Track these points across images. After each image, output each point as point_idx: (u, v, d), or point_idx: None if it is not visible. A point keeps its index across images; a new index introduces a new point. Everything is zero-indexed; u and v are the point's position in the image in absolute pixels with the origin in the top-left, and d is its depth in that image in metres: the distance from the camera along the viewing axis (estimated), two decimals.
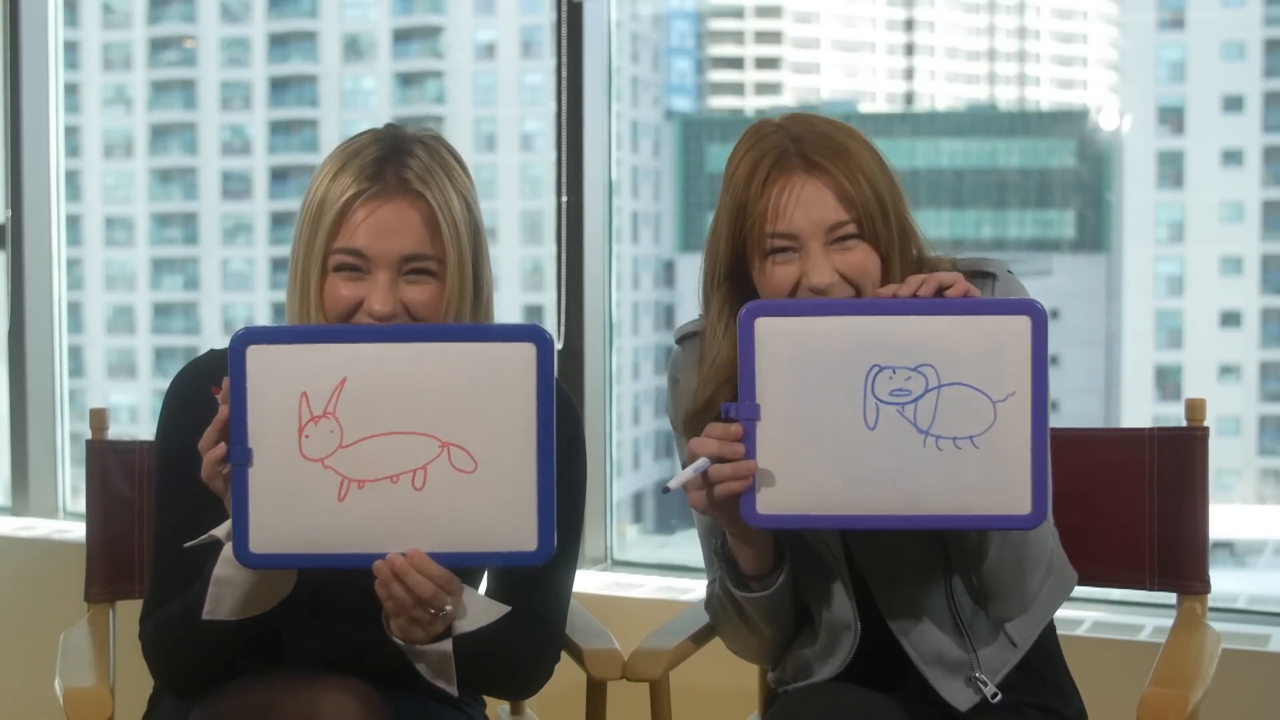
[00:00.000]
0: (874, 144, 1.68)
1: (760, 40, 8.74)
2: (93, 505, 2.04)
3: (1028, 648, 1.74)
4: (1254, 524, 7.20)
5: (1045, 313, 1.51)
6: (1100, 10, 8.00)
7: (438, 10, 10.37)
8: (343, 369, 1.46)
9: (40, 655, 2.44)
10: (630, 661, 1.85)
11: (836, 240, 1.63)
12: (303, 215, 1.64)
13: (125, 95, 10.57)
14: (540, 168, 8.69)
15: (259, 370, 1.46)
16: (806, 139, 1.64)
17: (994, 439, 1.50)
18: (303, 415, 1.46)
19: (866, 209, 1.62)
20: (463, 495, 1.49)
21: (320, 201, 1.61)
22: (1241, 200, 7.39)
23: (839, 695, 1.66)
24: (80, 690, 1.74)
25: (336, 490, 1.48)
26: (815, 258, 1.62)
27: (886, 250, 1.64)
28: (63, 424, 3.74)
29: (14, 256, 3.68)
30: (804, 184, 1.62)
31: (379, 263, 1.59)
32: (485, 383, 1.48)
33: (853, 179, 1.62)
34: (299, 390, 1.46)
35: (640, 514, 7.66)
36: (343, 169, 1.61)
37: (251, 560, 1.49)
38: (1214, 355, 7.63)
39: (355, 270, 1.60)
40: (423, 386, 1.47)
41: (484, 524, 1.49)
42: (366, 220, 1.59)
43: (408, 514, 1.48)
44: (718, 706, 2.52)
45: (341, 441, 1.47)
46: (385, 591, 1.50)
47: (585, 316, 3.14)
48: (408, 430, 1.47)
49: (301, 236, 1.63)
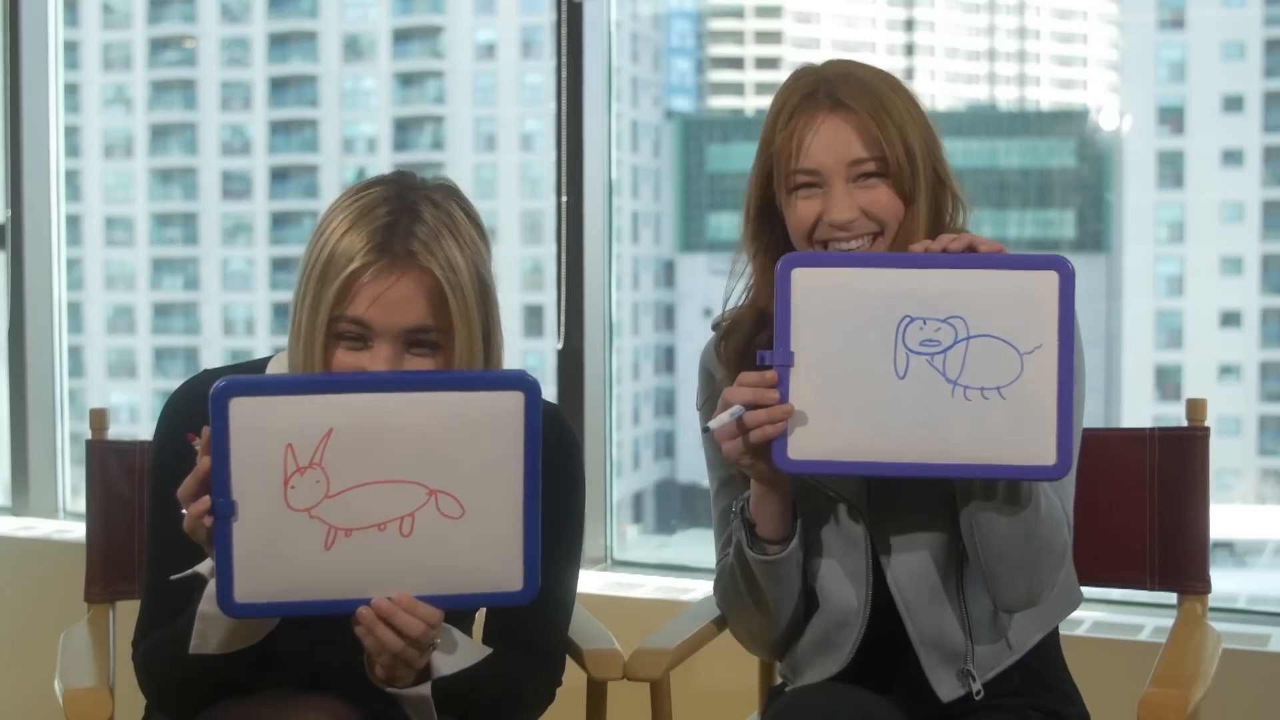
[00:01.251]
0: (916, 97, 1.70)
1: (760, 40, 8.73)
2: (93, 505, 2.04)
3: (1023, 653, 1.74)
4: (1254, 524, 7.19)
5: (1073, 268, 1.54)
6: (1100, 10, 8.00)
7: (438, 10, 10.35)
8: (329, 420, 1.45)
9: (40, 655, 2.44)
10: (630, 661, 1.85)
11: (859, 178, 1.66)
12: (307, 269, 1.60)
13: (125, 95, 10.56)
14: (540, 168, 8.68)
15: (242, 422, 1.44)
16: (837, 80, 1.68)
17: (1021, 390, 1.54)
18: (288, 466, 1.45)
19: (889, 149, 1.64)
20: (450, 540, 1.49)
21: (327, 260, 1.58)
22: (1241, 200, 7.38)
23: (837, 696, 1.67)
24: (80, 691, 1.74)
25: (323, 539, 1.47)
26: (837, 194, 1.66)
27: (911, 195, 1.66)
28: (63, 424, 3.74)
29: (14, 256, 3.68)
30: (827, 121, 1.66)
31: (383, 335, 1.58)
32: (472, 430, 1.48)
33: (878, 119, 1.65)
34: (284, 442, 1.45)
35: (640, 514, 7.66)
36: (352, 229, 1.58)
37: (235, 610, 1.48)
38: (1214, 355, 7.62)
39: (358, 340, 1.59)
40: (410, 435, 1.47)
41: (470, 567, 1.51)
42: (371, 291, 1.56)
43: (395, 560, 1.48)
44: (718, 706, 2.52)
45: (328, 491, 1.46)
46: (369, 636, 1.50)
47: (585, 316, 3.14)
48: (395, 479, 1.47)
49: (306, 295, 1.59)
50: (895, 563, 1.72)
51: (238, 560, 1.46)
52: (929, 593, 1.71)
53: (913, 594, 1.71)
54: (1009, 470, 1.56)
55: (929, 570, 1.71)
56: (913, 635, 1.72)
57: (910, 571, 1.71)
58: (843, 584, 1.74)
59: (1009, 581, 1.66)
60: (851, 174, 1.66)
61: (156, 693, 1.69)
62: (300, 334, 1.60)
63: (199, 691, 1.63)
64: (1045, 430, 1.54)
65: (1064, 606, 1.80)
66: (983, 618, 1.73)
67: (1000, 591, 1.67)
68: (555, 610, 1.75)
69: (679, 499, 7.72)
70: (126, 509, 2.04)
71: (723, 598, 1.82)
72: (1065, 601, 1.81)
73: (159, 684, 1.67)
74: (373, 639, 1.51)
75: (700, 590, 2.95)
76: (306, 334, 1.59)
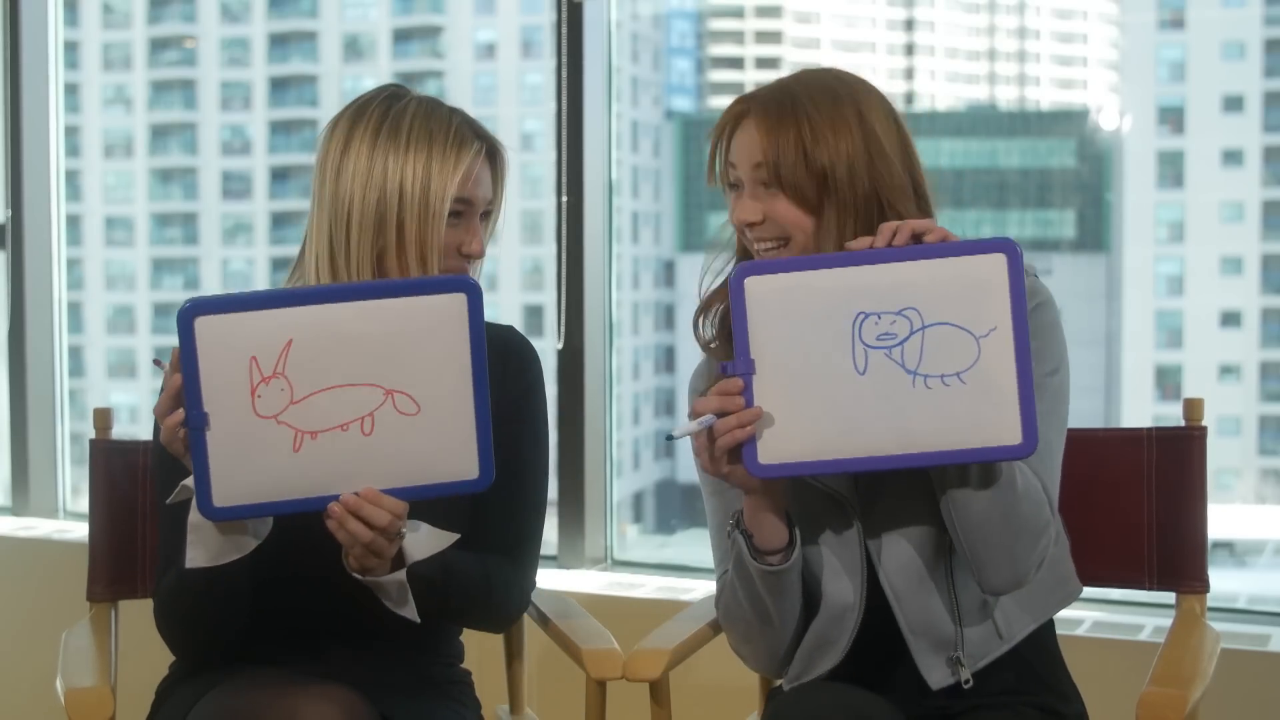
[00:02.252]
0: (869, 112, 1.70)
1: (760, 40, 8.73)
2: (95, 505, 2.04)
3: (1015, 643, 1.74)
4: (1254, 524, 7.19)
5: (1020, 249, 1.57)
6: (1100, 10, 8.00)
7: (438, 10, 10.36)
8: (288, 331, 1.56)
9: (41, 655, 2.44)
10: (630, 661, 1.85)
11: (761, 184, 1.70)
12: (389, 185, 1.74)
13: (125, 95, 10.56)
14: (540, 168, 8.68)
15: (208, 339, 1.55)
16: (779, 87, 1.73)
17: (980, 374, 1.56)
18: (254, 377, 1.56)
19: (778, 163, 1.68)
20: (408, 436, 1.59)
21: (428, 169, 1.75)
22: (1241, 200, 7.38)
23: (833, 695, 1.67)
24: (81, 690, 1.74)
25: (291, 442, 1.58)
26: (744, 195, 1.72)
27: (816, 208, 1.68)
28: (63, 424, 3.74)
29: (14, 256, 3.68)
30: (746, 124, 1.72)
31: (475, 211, 1.80)
32: (422, 332, 1.58)
33: (774, 134, 1.69)
34: (248, 354, 1.56)
35: (640, 514, 7.67)
36: (433, 133, 1.76)
37: (215, 513, 1.59)
38: (1214, 355, 7.62)
39: (456, 216, 1.78)
40: (364, 341, 1.57)
41: (429, 459, 1.61)
42: (477, 173, 1.78)
43: (359, 457, 1.59)
44: (718, 706, 2.53)
45: (292, 398, 1.57)
46: (340, 530, 1.60)
47: (585, 316, 3.14)
48: (353, 383, 1.58)
49: (393, 200, 1.74)
50: (885, 553, 1.72)
51: (214, 467, 1.56)
52: (917, 581, 1.72)
53: (902, 583, 1.72)
54: (978, 454, 1.58)
55: (916, 558, 1.72)
56: (902, 624, 1.72)
57: (899, 561, 1.72)
58: (840, 579, 1.74)
59: (992, 562, 1.66)
60: (755, 178, 1.71)
61: (167, 627, 1.77)
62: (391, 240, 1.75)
63: (205, 621, 1.72)
64: (1008, 410, 1.56)
65: (1058, 597, 1.80)
66: (972, 605, 1.73)
67: (984, 573, 1.67)
68: (523, 510, 1.85)
69: (679, 499, 7.72)
70: (129, 508, 2.04)
71: (726, 614, 1.81)
72: (1060, 592, 1.80)
73: (167, 617, 1.75)
74: (344, 533, 1.60)
75: (700, 590, 2.95)
76: (419, 230, 1.74)
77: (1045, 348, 1.70)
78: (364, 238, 1.75)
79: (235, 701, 1.62)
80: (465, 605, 1.77)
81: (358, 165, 1.75)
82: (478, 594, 1.77)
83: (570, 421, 3.15)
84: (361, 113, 1.79)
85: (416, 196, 1.74)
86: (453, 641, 1.93)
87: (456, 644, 1.94)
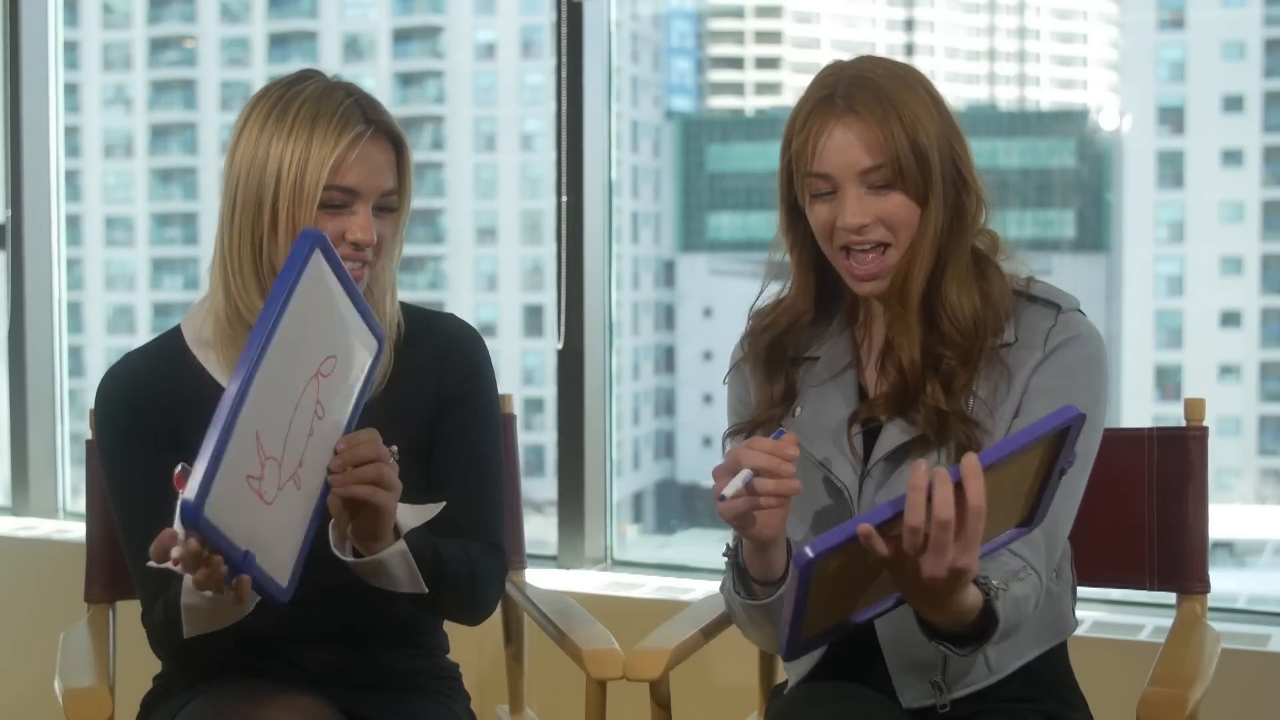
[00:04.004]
0: (936, 95, 1.69)
1: (760, 40, 8.73)
2: (94, 505, 2.04)
3: (1002, 677, 1.72)
4: (1254, 524, 7.19)
5: (1082, 417, 1.45)
6: (1100, 10, 8.00)
7: (438, 10, 10.35)
8: (250, 433, 1.47)
9: (40, 655, 2.44)
10: (630, 661, 1.85)
11: (872, 186, 1.66)
12: (264, 172, 1.70)
13: (125, 95, 10.55)
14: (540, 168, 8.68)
15: (220, 511, 1.44)
16: (852, 83, 1.67)
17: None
18: (258, 485, 1.48)
19: (897, 156, 1.64)
20: (344, 383, 1.60)
21: (304, 154, 1.69)
22: (1241, 200, 7.37)
23: (835, 695, 1.66)
24: (80, 690, 1.74)
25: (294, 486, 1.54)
26: (848, 199, 1.66)
27: (924, 198, 1.66)
28: (63, 424, 3.74)
29: (14, 256, 3.68)
30: (838, 127, 1.66)
31: (365, 199, 1.72)
32: (313, 304, 1.54)
33: (885, 125, 1.64)
34: (243, 475, 1.47)
35: (640, 514, 7.66)
36: (316, 117, 1.70)
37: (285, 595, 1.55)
38: (1214, 355, 7.62)
39: (339, 207, 1.71)
40: (288, 361, 1.52)
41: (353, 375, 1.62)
42: (361, 159, 1.71)
43: (329, 437, 1.58)
44: (718, 706, 2.52)
45: (282, 476, 1.52)
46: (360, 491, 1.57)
47: (585, 316, 3.14)
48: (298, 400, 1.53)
49: (269, 187, 1.70)
50: None
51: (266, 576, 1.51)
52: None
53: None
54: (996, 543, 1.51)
55: None
56: (880, 635, 1.71)
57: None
58: None
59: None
60: (864, 182, 1.66)
61: (171, 659, 1.78)
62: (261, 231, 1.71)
63: (209, 656, 1.72)
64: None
65: (1050, 635, 1.78)
66: None
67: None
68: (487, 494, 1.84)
69: (679, 499, 7.71)
70: None
71: (726, 603, 1.81)
72: (1052, 630, 1.78)
73: (171, 655, 1.76)
74: (349, 497, 1.57)
75: (700, 590, 2.95)
76: (291, 214, 1.69)
77: (1069, 388, 1.67)
78: (244, 220, 1.72)
79: (205, 714, 1.64)
80: (455, 584, 1.75)
81: (245, 147, 1.73)
82: (467, 579, 1.77)
83: (570, 421, 3.15)
84: (263, 95, 1.76)
85: (291, 180, 1.70)
86: (436, 634, 1.92)
87: (440, 636, 1.93)
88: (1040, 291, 1.73)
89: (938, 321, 1.69)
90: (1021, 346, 1.69)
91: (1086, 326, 1.71)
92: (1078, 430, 1.45)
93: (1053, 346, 1.69)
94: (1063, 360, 1.68)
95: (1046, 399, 1.66)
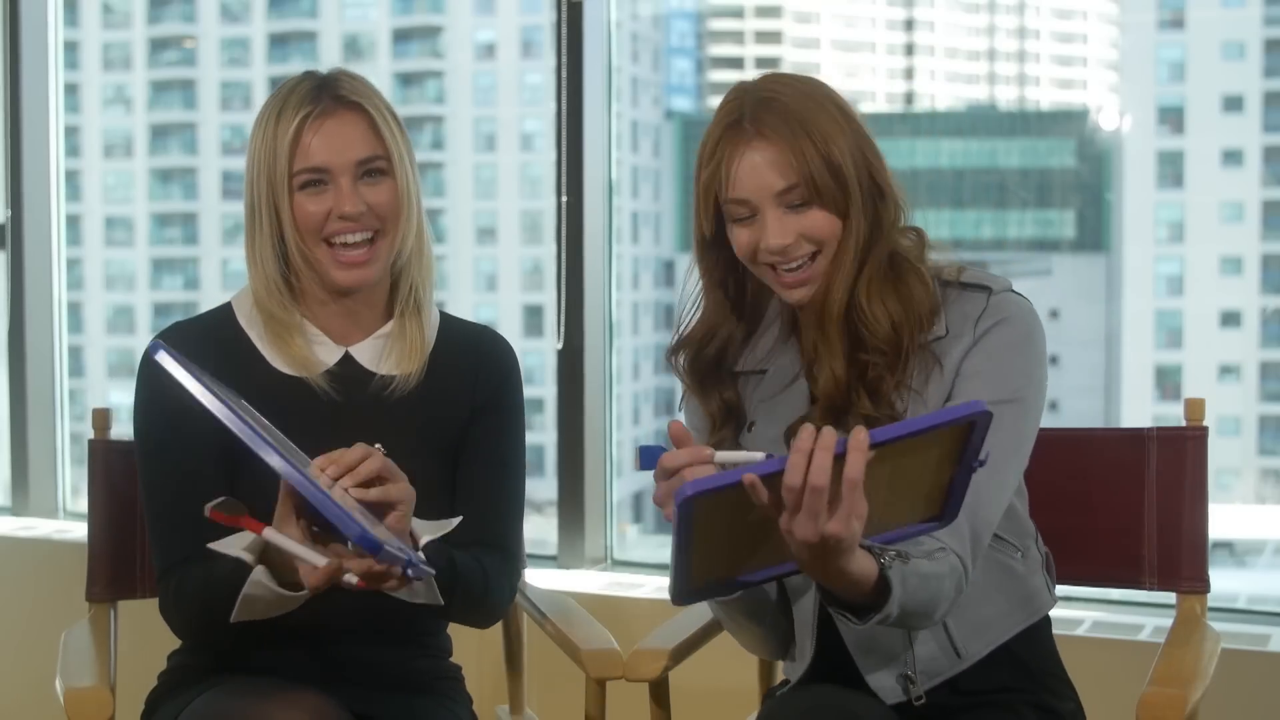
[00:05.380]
0: (845, 105, 1.69)
1: (760, 40, 8.74)
2: (95, 505, 2.04)
3: (973, 662, 1.72)
4: (1254, 524, 7.20)
5: (989, 415, 1.43)
6: (1100, 10, 8.00)
7: (438, 10, 10.36)
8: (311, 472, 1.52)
9: (41, 655, 2.44)
10: (630, 661, 1.85)
11: (790, 205, 1.66)
12: (254, 170, 1.76)
13: (125, 95, 10.56)
14: (540, 168, 8.68)
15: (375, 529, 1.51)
16: (761, 104, 1.67)
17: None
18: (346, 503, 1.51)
19: (811, 175, 1.65)
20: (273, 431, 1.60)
21: (271, 145, 1.75)
22: (1241, 200, 7.38)
23: (824, 695, 1.66)
24: (81, 690, 1.74)
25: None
26: (769, 221, 1.66)
27: (844, 210, 1.66)
28: (63, 424, 3.74)
29: (14, 256, 3.68)
30: (748, 152, 1.66)
31: (339, 172, 1.75)
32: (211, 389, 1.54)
33: (796, 146, 1.64)
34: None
35: (640, 514, 7.66)
36: (281, 110, 1.76)
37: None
38: (1214, 355, 7.63)
39: (318, 185, 1.75)
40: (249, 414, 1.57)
41: None
42: (319, 137, 1.74)
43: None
44: (718, 706, 2.52)
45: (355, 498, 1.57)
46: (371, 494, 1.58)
47: (585, 316, 3.14)
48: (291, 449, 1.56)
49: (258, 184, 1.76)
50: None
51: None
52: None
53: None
54: (896, 534, 1.50)
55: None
56: (846, 639, 1.70)
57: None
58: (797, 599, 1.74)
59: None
60: (781, 202, 1.66)
61: (186, 631, 1.79)
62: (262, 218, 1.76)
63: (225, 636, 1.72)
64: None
65: (1021, 616, 1.76)
66: None
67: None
68: (508, 504, 1.86)
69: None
70: (128, 509, 2.03)
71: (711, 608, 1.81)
72: (1022, 611, 1.76)
73: (188, 626, 1.78)
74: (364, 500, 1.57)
75: None
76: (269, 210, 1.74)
77: (997, 370, 1.66)
78: (257, 216, 1.77)
79: (210, 711, 1.64)
80: (467, 596, 1.76)
81: (247, 150, 1.79)
82: (481, 591, 1.78)
83: (570, 421, 3.15)
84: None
85: (266, 172, 1.75)
86: (439, 635, 1.92)
87: (444, 638, 1.93)
88: (971, 278, 1.72)
89: (859, 332, 1.69)
90: (952, 337, 1.69)
91: (1016, 306, 1.70)
92: (985, 427, 1.44)
93: (982, 330, 1.68)
94: (991, 343, 1.67)
95: (975, 382, 1.66)
